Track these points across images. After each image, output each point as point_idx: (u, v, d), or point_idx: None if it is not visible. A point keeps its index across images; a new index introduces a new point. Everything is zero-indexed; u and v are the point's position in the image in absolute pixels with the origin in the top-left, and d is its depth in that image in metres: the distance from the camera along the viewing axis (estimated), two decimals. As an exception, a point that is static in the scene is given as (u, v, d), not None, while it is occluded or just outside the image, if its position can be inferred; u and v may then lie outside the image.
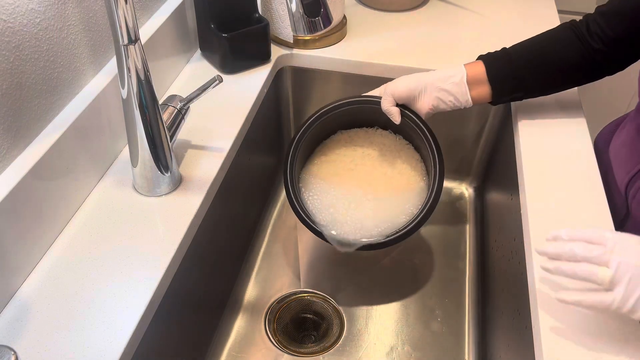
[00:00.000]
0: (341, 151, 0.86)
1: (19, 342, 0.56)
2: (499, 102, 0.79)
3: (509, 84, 0.76)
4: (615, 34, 0.71)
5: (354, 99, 0.80)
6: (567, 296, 0.53)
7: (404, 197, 0.81)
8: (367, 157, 0.85)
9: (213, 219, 0.78)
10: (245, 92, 0.91)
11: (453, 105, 0.77)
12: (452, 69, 0.77)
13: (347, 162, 0.85)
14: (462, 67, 0.76)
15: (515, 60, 0.75)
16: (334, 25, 1.02)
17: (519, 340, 0.67)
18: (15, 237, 0.60)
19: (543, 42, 0.76)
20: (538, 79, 0.77)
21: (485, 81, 0.76)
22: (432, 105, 0.76)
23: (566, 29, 0.76)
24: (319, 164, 0.85)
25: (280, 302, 0.92)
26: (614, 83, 1.63)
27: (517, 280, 0.71)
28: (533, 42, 0.77)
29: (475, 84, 0.76)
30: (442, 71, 0.77)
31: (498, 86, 0.76)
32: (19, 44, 0.59)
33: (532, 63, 0.75)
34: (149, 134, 0.67)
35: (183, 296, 0.72)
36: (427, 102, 0.76)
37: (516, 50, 0.76)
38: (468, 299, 0.93)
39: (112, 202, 0.72)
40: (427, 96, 0.76)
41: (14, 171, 0.60)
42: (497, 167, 0.99)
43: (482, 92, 0.76)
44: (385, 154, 0.85)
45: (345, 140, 0.87)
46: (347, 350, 0.85)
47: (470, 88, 0.76)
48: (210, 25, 0.91)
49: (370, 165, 0.84)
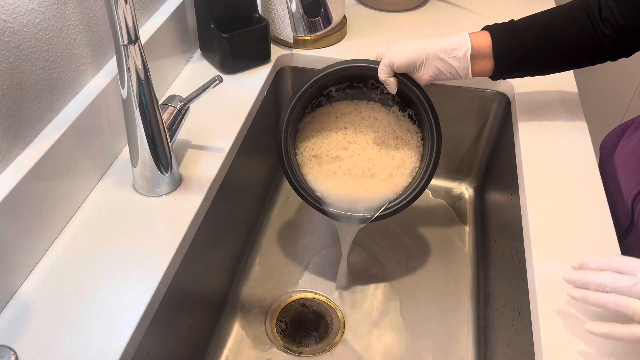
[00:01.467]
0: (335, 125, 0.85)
1: (19, 342, 0.56)
2: (498, 78, 0.77)
3: (513, 61, 0.75)
4: (627, 23, 0.69)
5: (350, 65, 0.78)
6: (596, 328, 0.51)
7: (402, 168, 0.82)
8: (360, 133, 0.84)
9: (213, 219, 0.78)
10: (245, 92, 0.91)
11: (452, 77, 0.75)
12: (456, 39, 0.74)
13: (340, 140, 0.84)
14: (467, 40, 0.74)
15: (523, 38, 0.73)
16: (334, 25, 1.02)
17: (519, 340, 0.67)
18: (15, 237, 0.60)
19: (554, 21, 0.74)
20: (543, 59, 0.75)
21: (490, 56, 0.74)
22: (431, 75, 0.75)
23: (578, 9, 0.73)
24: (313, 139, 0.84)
25: (280, 302, 0.92)
26: (614, 82, 1.63)
27: (517, 280, 0.71)
28: (543, 19, 0.74)
29: (478, 58, 0.74)
30: (446, 41, 0.74)
31: (502, 63, 0.74)
32: (19, 44, 0.59)
33: (540, 42, 0.73)
34: (149, 134, 0.67)
35: (183, 296, 0.72)
36: (426, 72, 0.74)
37: (525, 27, 0.74)
38: (468, 299, 0.93)
39: (112, 202, 0.72)
40: (427, 66, 0.74)
41: (14, 171, 0.60)
42: (497, 167, 0.99)
43: (484, 67, 0.75)
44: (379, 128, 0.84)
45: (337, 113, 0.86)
46: (347, 350, 0.85)
47: (473, 62, 0.74)
48: (210, 25, 0.91)
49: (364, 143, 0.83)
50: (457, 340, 0.87)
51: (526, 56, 0.74)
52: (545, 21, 0.74)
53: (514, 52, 0.74)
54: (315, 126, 0.85)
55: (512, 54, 0.74)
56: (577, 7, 0.74)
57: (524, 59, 0.74)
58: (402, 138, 0.83)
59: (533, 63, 0.76)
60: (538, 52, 0.74)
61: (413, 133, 0.83)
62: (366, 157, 0.82)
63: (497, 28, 0.75)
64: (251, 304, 0.92)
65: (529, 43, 0.73)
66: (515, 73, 0.77)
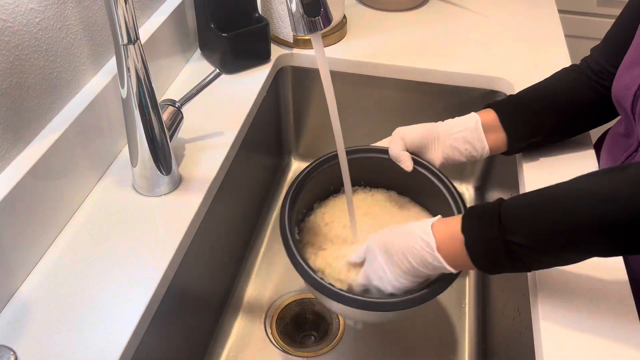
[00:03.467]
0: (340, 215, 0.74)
1: (19, 342, 0.56)
2: (515, 148, 0.73)
3: (522, 127, 0.72)
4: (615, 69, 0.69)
5: (358, 148, 0.71)
6: None
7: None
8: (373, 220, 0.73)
9: (213, 219, 0.78)
10: (245, 92, 0.91)
11: (469, 154, 0.70)
12: (464, 117, 0.71)
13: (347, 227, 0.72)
14: (475, 114, 0.71)
15: (525, 103, 0.72)
16: (334, 25, 1.02)
17: (519, 340, 0.67)
18: (15, 236, 0.60)
19: (552, 84, 0.73)
20: (552, 120, 0.72)
21: (499, 127, 0.70)
22: (446, 155, 0.70)
23: (571, 71, 0.74)
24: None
25: (280, 302, 0.92)
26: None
27: (517, 280, 0.71)
28: (541, 85, 0.74)
29: (489, 132, 0.70)
30: (455, 119, 0.72)
31: (512, 131, 0.71)
32: (18, 43, 0.59)
33: (543, 104, 0.71)
34: (149, 134, 0.67)
35: (183, 296, 0.72)
36: (440, 151, 0.70)
37: (525, 94, 0.73)
38: (468, 299, 0.93)
39: (111, 202, 0.72)
40: (440, 145, 0.70)
41: (13, 171, 0.60)
42: (497, 167, 0.99)
43: (497, 139, 0.71)
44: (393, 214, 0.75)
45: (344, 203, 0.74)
46: (347, 350, 0.85)
47: (486, 134, 0.70)
48: (210, 25, 0.91)
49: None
50: (457, 340, 0.87)
51: (537, 123, 0.72)
52: (544, 87, 0.73)
53: (518, 118, 0.71)
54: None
55: (519, 122, 0.71)
56: (568, 70, 0.74)
57: (535, 127, 0.72)
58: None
59: (542, 125, 0.72)
60: (542, 114, 0.72)
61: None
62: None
63: (497, 102, 0.73)
64: (251, 304, 0.92)
65: (534, 110, 0.71)
66: (531, 140, 0.73)
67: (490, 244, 0.53)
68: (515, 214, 0.53)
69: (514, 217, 0.53)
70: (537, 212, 0.52)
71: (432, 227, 0.57)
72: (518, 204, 0.54)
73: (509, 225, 0.52)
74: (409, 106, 1.02)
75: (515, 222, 0.52)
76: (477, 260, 0.54)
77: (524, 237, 0.51)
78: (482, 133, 0.70)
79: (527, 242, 0.51)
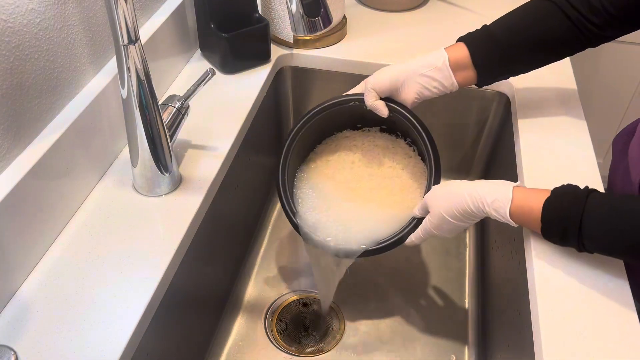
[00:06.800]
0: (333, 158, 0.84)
1: (19, 342, 0.56)
2: (484, 84, 0.76)
3: (495, 67, 0.74)
4: (617, 12, 0.68)
5: (336, 101, 0.77)
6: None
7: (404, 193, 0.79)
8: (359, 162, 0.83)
9: (213, 219, 0.78)
10: (245, 92, 0.91)
11: (439, 91, 0.74)
12: (432, 54, 0.74)
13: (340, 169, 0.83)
14: (443, 52, 0.73)
15: (501, 42, 0.72)
16: (334, 25, 1.02)
17: (519, 340, 0.67)
18: (15, 236, 0.60)
19: (527, 18, 0.73)
20: (525, 58, 0.74)
21: (470, 66, 0.73)
22: (416, 93, 0.74)
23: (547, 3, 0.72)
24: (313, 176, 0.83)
25: (280, 302, 0.92)
26: (614, 82, 1.63)
27: (517, 280, 0.71)
28: (516, 19, 0.74)
29: (459, 69, 0.73)
30: (423, 58, 0.74)
31: (483, 70, 0.73)
32: (18, 43, 0.59)
33: (519, 42, 0.72)
34: (149, 134, 0.67)
35: (183, 296, 0.72)
36: (411, 90, 0.73)
37: (500, 31, 0.73)
38: (468, 299, 0.93)
39: (112, 202, 0.72)
40: (410, 85, 0.73)
41: (14, 171, 0.60)
42: (497, 167, 0.99)
43: (467, 77, 0.74)
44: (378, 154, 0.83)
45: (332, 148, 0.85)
46: (347, 350, 0.85)
47: (454, 73, 0.73)
48: (210, 25, 0.92)
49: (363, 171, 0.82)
50: (457, 340, 0.87)
51: (509, 62, 0.74)
52: (520, 23, 0.73)
53: (493, 57, 0.73)
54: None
55: (491, 60, 0.73)
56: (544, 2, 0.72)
57: (506, 66, 0.74)
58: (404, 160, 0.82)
59: (516, 67, 0.75)
60: (519, 57, 0.74)
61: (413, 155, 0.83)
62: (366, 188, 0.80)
63: (472, 37, 0.74)
64: (251, 303, 0.92)
65: (508, 49, 0.72)
66: (499, 78, 0.76)
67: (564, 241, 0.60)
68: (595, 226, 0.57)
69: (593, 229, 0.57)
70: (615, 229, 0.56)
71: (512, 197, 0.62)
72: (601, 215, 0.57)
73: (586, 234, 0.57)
74: (409, 106, 1.02)
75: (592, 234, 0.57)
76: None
77: (599, 249, 0.59)
78: (449, 71, 0.72)
79: (601, 252, 0.59)
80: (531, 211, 0.61)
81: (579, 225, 0.57)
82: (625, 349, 0.55)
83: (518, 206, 0.62)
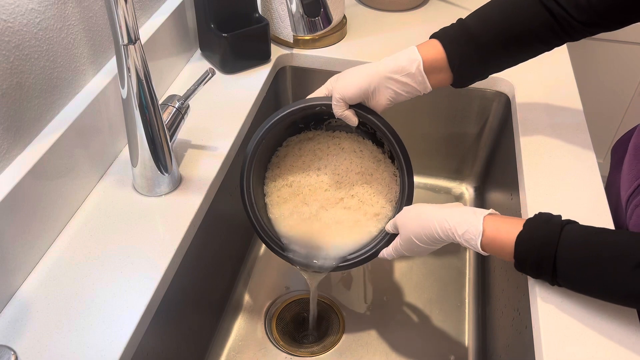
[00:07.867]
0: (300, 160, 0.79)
1: (19, 342, 0.56)
2: (459, 87, 0.72)
3: (474, 68, 0.69)
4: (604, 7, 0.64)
5: (302, 106, 0.72)
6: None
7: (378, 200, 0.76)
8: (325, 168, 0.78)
9: (213, 219, 0.78)
10: (245, 92, 0.91)
11: (411, 95, 0.69)
12: (404, 56, 0.68)
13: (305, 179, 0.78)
14: (416, 54, 0.68)
15: (479, 42, 0.67)
16: (334, 25, 1.02)
17: (519, 340, 0.67)
18: (15, 236, 0.60)
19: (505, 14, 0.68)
20: (504, 59, 0.70)
21: (446, 68, 0.68)
22: (388, 100, 0.69)
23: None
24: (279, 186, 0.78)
25: (280, 302, 0.92)
26: (614, 82, 1.63)
27: (517, 280, 0.71)
28: (493, 16, 0.68)
29: (434, 72, 0.68)
30: (394, 61, 0.68)
31: (461, 73, 0.68)
32: (18, 43, 0.59)
33: (498, 41, 0.67)
34: (149, 134, 0.67)
35: (183, 296, 0.72)
36: (382, 97, 0.69)
37: (478, 28, 0.67)
38: (468, 299, 0.93)
39: (112, 202, 0.72)
40: (381, 91, 0.68)
41: (13, 171, 0.60)
42: (497, 167, 0.99)
43: (442, 80, 0.69)
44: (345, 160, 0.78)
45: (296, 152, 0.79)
46: (347, 350, 0.85)
47: (428, 76, 0.68)
48: (210, 25, 0.92)
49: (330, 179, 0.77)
50: (457, 340, 0.87)
51: (487, 64, 0.70)
52: (500, 19, 0.68)
53: (471, 58, 0.68)
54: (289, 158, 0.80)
55: (470, 61, 0.68)
56: None
57: (485, 68, 0.70)
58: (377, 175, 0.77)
59: (494, 69, 0.71)
60: (499, 58, 0.69)
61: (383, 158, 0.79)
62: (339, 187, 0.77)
63: (448, 35, 0.69)
64: (251, 303, 0.92)
65: (487, 49, 0.68)
66: (476, 79, 0.71)
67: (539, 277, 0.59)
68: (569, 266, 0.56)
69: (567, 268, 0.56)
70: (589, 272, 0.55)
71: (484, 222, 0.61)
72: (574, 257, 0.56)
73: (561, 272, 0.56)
74: (409, 106, 1.02)
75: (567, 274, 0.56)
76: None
77: (571, 286, 0.58)
78: (423, 76, 0.68)
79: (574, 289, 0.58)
80: (503, 246, 0.59)
81: (553, 265, 0.56)
82: (625, 350, 0.56)
83: (490, 238, 0.59)
